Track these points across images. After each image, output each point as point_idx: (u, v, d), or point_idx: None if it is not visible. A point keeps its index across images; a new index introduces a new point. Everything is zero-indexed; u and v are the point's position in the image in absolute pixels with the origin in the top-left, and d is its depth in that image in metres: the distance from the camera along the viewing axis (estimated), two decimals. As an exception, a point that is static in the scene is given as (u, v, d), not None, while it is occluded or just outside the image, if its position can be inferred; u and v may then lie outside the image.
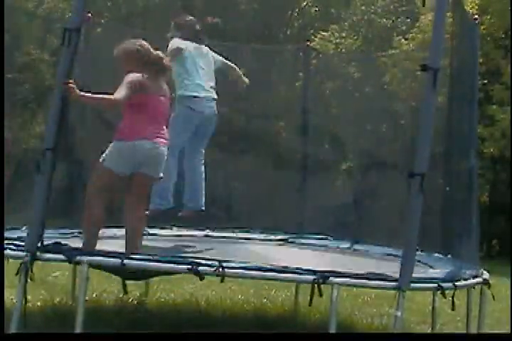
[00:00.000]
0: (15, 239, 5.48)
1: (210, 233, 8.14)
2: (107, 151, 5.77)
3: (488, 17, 18.68)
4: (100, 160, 5.75)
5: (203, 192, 7.38)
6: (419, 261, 6.10)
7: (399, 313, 4.99)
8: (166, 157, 5.91)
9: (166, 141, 5.89)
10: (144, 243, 6.09)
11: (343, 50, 21.40)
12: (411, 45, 19.12)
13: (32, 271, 5.10)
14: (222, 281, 5.10)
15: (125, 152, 5.67)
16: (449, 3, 5.73)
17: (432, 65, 5.15)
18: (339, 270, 5.31)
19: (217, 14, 22.53)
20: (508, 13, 18.25)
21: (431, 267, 6.25)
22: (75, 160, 8.11)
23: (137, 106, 5.69)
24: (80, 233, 6.45)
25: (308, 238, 8.28)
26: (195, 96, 7.14)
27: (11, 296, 6.23)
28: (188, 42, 7.19)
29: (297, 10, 26.08)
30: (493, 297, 6.09)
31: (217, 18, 7.83)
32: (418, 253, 5.75)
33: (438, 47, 5.29)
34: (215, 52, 7.56)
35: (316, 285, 5.05)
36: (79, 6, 5.40)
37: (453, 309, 5.49)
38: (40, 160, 5.12)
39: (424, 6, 5.45)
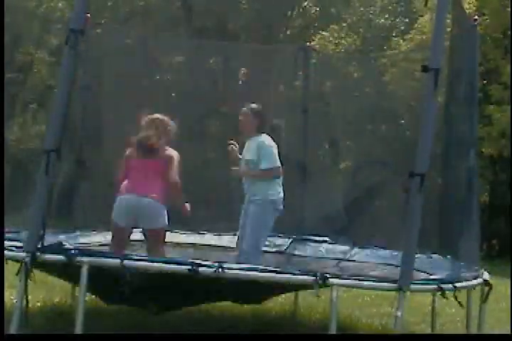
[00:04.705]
0: (15, 240, 5.49)
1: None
2: None
3: (485, 17, 18.65)
4: None
5: None
6: (418, 270, 6.05)
7: (399, 313, 4.99)
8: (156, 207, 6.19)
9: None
10: None
11: (343, 50, 21.36)
12: (409, 45, 19.10)
13: (32, 272, 5.11)
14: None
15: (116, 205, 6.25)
16: (449, 3, 5.73)
17: (433, 66, 5.16)
18: (339, 271, 5.31)
19: (217, 14, 22.60)
20: (506, 14, 18.25)
21: (430, 275, 6.19)
22: (74, 160, 8.09)
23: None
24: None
25: (308, 240, 8.27)
26: None
27: (11, 296, 6.24)
28: None
29: (297, 10, 26.06)
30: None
31: (216, 17, 7.77)
32: (418, 255, 5.72)
33: (438, 47, 5.29)
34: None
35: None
36: (81, 7, 5.38)
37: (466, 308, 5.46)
38: (44, 161, 5.14)
39: (426, 6, 5.46)
